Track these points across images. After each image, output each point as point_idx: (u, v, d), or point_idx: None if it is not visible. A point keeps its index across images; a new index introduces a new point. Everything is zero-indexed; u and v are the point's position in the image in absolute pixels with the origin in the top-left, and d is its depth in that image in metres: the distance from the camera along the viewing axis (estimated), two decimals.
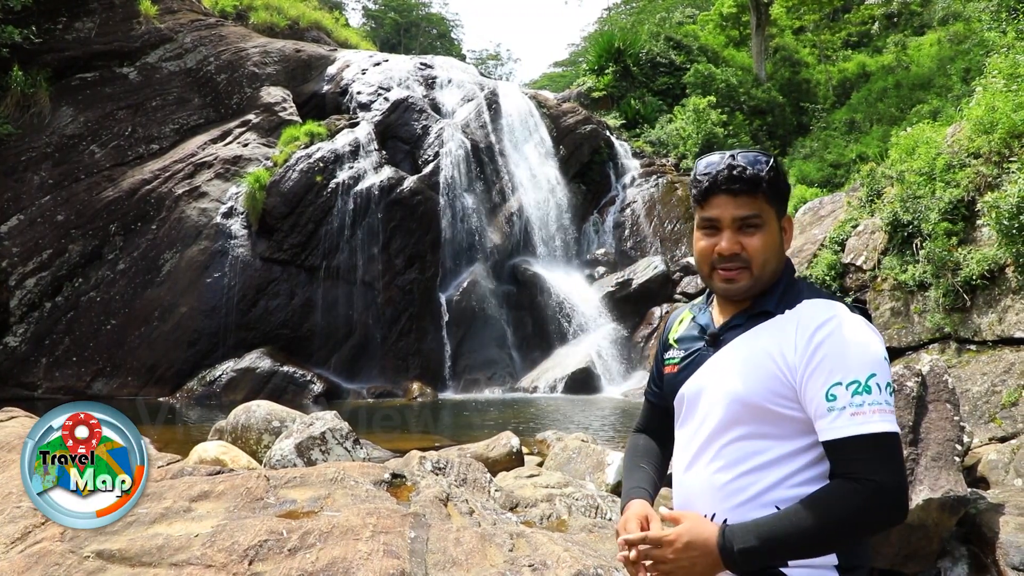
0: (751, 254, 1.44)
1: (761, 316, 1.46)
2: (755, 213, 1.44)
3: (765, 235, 1.45)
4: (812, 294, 1.45)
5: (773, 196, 1.46)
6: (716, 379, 1.47)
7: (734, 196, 1.44)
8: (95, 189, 13.60)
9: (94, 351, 12.58)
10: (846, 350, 1.33)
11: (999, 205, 6.81)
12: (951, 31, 22.95)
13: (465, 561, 2.17)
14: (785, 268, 1.51)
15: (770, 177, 1.45)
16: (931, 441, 4.43)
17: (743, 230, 1.44)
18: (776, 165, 1.47)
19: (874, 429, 1.28)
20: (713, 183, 1.46)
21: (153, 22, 16.15)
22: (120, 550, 1.97)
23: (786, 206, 1.52)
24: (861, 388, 1.30)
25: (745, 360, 1.43)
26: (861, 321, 1.39)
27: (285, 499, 2.53)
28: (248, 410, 5.80)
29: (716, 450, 1.44)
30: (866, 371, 1.31)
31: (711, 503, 1.43)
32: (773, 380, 1.38)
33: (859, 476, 1.27)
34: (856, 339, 1.35)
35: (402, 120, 16.66)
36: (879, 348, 1.36)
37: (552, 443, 6.40)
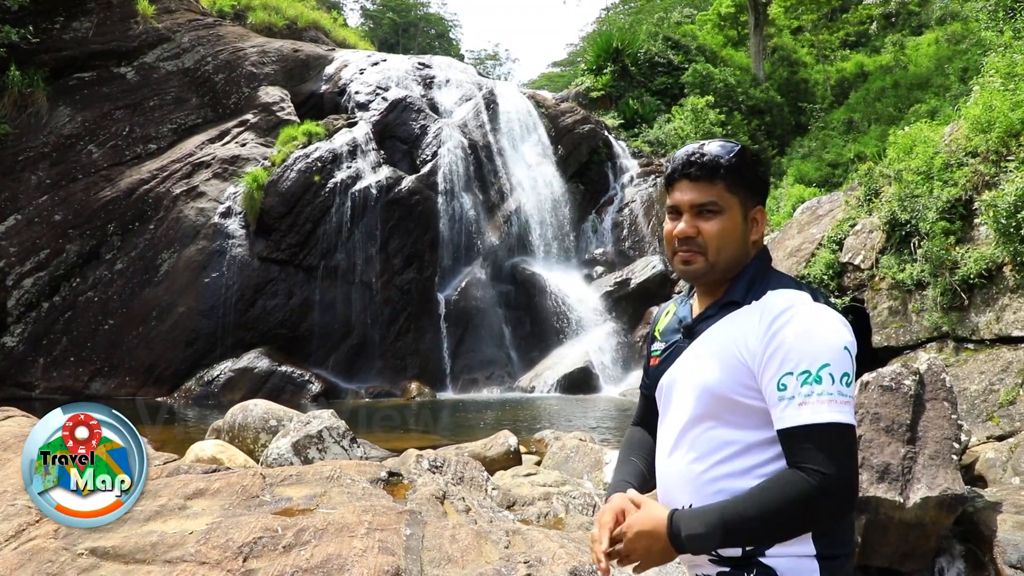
0: (706, 239, 1.46)
1: (730, 306, 1.47)
2: (712, 199, 1.45)
3: (723, 221, 1.45)
4: (780, 284, 1.45)
5: (735, 184, 1.46)
6: (689, 370, 1.49)
7: (693, 182, 1.47)
8: (93, 189, 13.58)
9: (92, 351, 12.56)
10: (800, 339, 1.33)
11: (996, 204, 6.82)
12: (949, 31, 22.97)
13: (460, 558, 2.17)
14: (756, 258, 1.51)
15: (730, 163, 1.45)
16: (929, 439, 4.44)
17: (701, 215, 1.46)
18: (742, 153, 1.48)
19: (821, 419, 1.27)
20: (675, 169, 1.50)
21: (151, 22, 16.13)
22: (114, 547, 1.96)
23: (758, 197, 1.52)
24: (811, 378, 1.30)
25: (713, 352, 1.45)
26: (823, 311, 1.38)
27: (281, 497, 2.52)
28: (245, 409, 5.79)
29: (690, 441, 1.46)
30: (819, 361, 1.30)
31: (686, 493, 1.45)
32: (738, 371, 1.39)
33: (805, 466, 1.27)
34: (812, 328, 1.34)
35: (400, 120, 16.65)
36: (838, 338, 1.34)
37: (550, 442, 6.40)
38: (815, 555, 1.34)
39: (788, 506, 1.26)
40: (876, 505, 4.19)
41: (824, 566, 1.34)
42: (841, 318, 1.39)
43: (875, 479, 4.27)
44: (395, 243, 14.68)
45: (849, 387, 1.32)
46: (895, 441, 4.42)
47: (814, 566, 1.34)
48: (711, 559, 1.40)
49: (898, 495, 4.19)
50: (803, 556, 1.35)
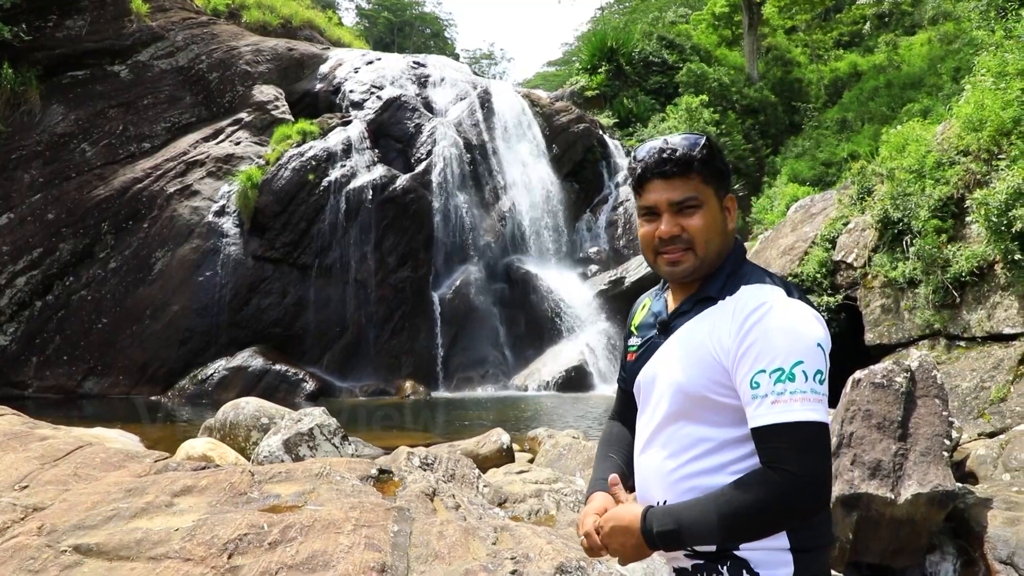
0: (692, 234, 1.43)
1: (706, 302, 1.45)
2: (691, 195, 1.43)
3: (705, 215, 1.44)
4: (755, 279, 1.43)
5: (709, 176, 1.44)
6: (664, 367, 1.47)
7: (667, 179, 1.44)
8: (86, 188, 13.54)
9: (85, 350, 12.52)
10: (773, 337, 1.31)
11: (988, 202, 6.84)
12: (941, 31, 23.05)
13: (447, 554, 2.16)
14: (733, 251, 1.49)
15: (703, 156, 1.43)
16: (920, 436, 4.45)
17: (682, 212, 1.44)
18: (709, 144, 1.46)
19: (794, 418, 1.26)
20: (646, 168, 1.46)
21: (144, 20, 16.08)
22: (98, 544, 1.95)
23: (727, 185, 1.50)
24: (784, 376, 1.28)
25: (688, 349, 1.43)
26: (798, 307, 1.36)
27: (269, 494, 2.52)
28: (237, 407, 5.78)
29: (665, 437, 1.45)
30: (792, 358, 1.29)
31: (661, 489, 1.45)
32: (712, 369, 1.38)
33: (777, 466, 1.26)
34: (786, 325, 1.32)
35: (395, 119, 16.63)
36: (812, 334, 1.32)
37: (543, 440, 6.40)
38: (789, 548, 1.34)
39: (759, 506, 1.26)
40: (868, 501, 4.20)
41: (798, 559, 1.34)
42: (815, 314, 1.37)
43: (867, 475, 4.28)
44: (389, 242, 14.66)
45: (822, 384, 1.30)
46: (886, 438, 4.43)
47: (788, 559, 1.34)
48: (686, 553, 1.40)
49: (889, 491, 4.20)
50: (777, 549, 1.34)
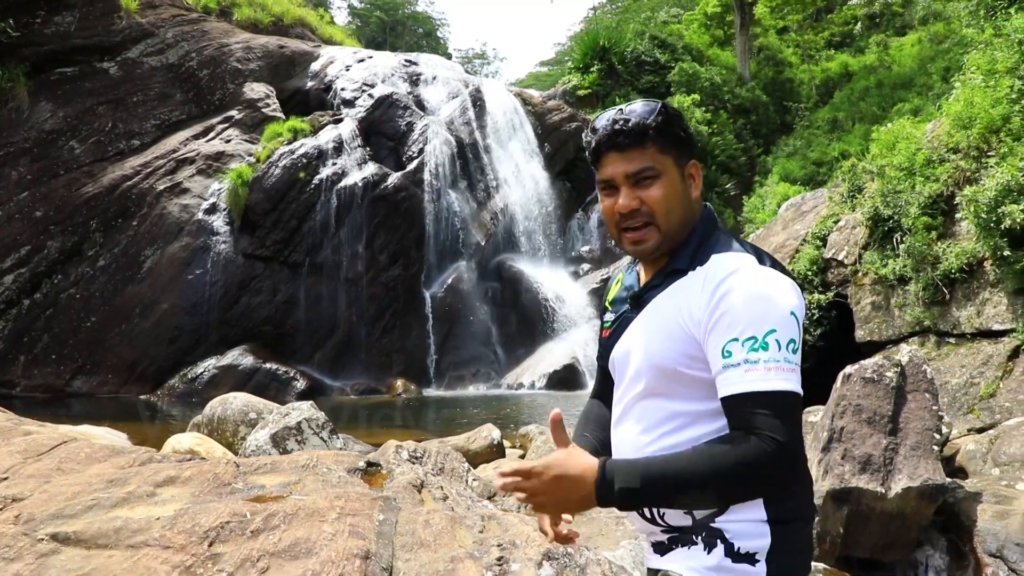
0: (652, 207, 1.37)
1: (676, 274, 1.40)
2: (647, 165, 1.37)
3: (664, 185, 1.38)
4: (725, 247, 1.38)
5: (666, 144, 1.38)
6: (637, 342, 1.42)
7: (622, 151, 1.38)
8: (74, 185, 13.44)
9: (73, 348, 12.43)
10: (745, 305, 1.26)
11: (977, 199, 6.86)
12: (931, 31, 23.17)
13: (433, 542, 2.14)
14: (701, 219, 1.44)
15: (657, 123, 1.37)
16: (910, 431, 4.45)
17: (639, 184, 1.37)
18: (665, 110, 1.39)
19: (768, 387, 1.21)
20: (600, 142, 1.40)
21: (134, 17, 15.97)
22: (76, 532, 1.92)
23: (688, 151, 1.43)
24: (758, 344, 1.23)
25: (659, 323, 1.38)
26: (770, 274, 1.31)
27: (254, 484, 2.48)
28: (225, 402, 5.73)
29: (639, 412, 1.41)
30: (765, 326, 1.24)
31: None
32: (683, 342, 1.33)
33: (757, 431, 1.21)
34: (758, 292, 1.27)
35: (386, 116, 16.59)
36: (786, 302, 1.27)
37: (534, 437, 6.39)
38: (766, 519, 1.30)
39: (738, 467, 1.20)
40: (858, 496, 4.20)
41: (776, 530, 1.30)
42: (789, 282, 1.32)
43: (857, 470, 4.28)
44: (381, 240, 14.61)
45: (795, 354, 1.25)
46: (877, 432, 4.43)
47: (765, 530, 1.30)
48: (663, 529, 1.36)
49: (880, 486, 4.20)
50: (754, 520, 1.30)
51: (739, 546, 1.30)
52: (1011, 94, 7.46)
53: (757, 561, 1.29)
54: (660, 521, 1.36)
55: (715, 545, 1.31)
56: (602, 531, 2.62)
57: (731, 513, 1.31)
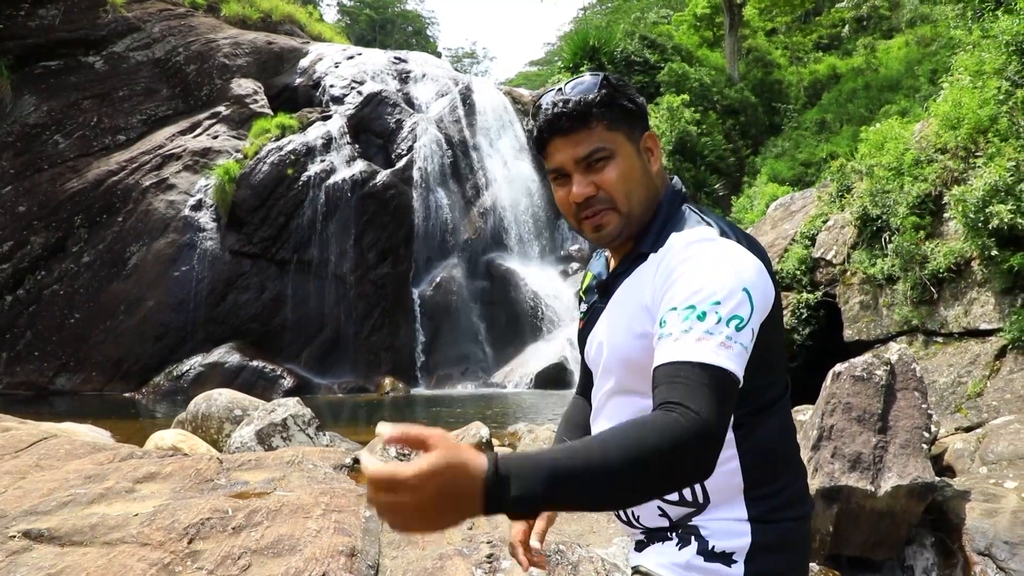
0: (609, 190, 1.25)
1: (640, 259, 1.28)
2: (597, 147, 1.24)
3: (618, 164, 1.25)
4: (686, 224, 1.25)
5: (614, 119, 1.26)
6: (604, 335, 1.32)
7: (567, 135, 1.25)
8: (59, 180, 13.27)
9: (57, 345, 12.28)
10: (690, 275, 1.13)
11: (965, 199, 6.88)
12: (918, 34, 23.35)
13: (421, 539, 2.10)
14: (666, 196, 1.32)
15: (601, 98, 1.25)
16: (899, 429, 4.45)
17: (592, 168, 1.25)
18: (608, 83, 1.27)
19: (697, 358, 1.04)
20: (542, 129, 1.27)
21: (120, 11, 15.81)
22: (49, 529, 1.86)
23: (640, 123, 1.31)
24: (695, 314, 1.08)
25: (621, 313, 1.28)
26: (726, 247, 1.18)
27: (237, 481, 2.43)
28: (209, 398, 5.66)
29: (611, 408, 1.33)
30: (708, 299, 1.09)
31: None
32: (644, 332, 1.20)
33: (675, 404, 1.01)
34: (707, 263, 1.14)
35: (375, 114, 16.50)
36: (738, 276, 1.12)
37: (523, 435, 6.34)
38: (747, 518, 1.20)
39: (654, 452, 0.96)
40: (848, 494, 4.19)
41: (758, 529, 1.19)
42: (751, 259, 1.18)
43: (847, 468, 4.26)
44: (369, 237, 14.53)
45: (740, 332, 1.08)
46: (867, 430, 4.42)
47: (744, 528, 1.20)
48: (640, 530, 1.28)
49: (869, 484, 4.19)
50: (732, 519, 1.20)
51: (714, 544, 1.20)
52: (999, 95, 7.50)
53: (734, 561, 1.19)
54: (636, 523, 1.28)
55: (688, 542, 1.21)
56: (593, 528, 2.58)
57: (709, 512, 1.22)
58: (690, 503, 1.22)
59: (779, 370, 1.28)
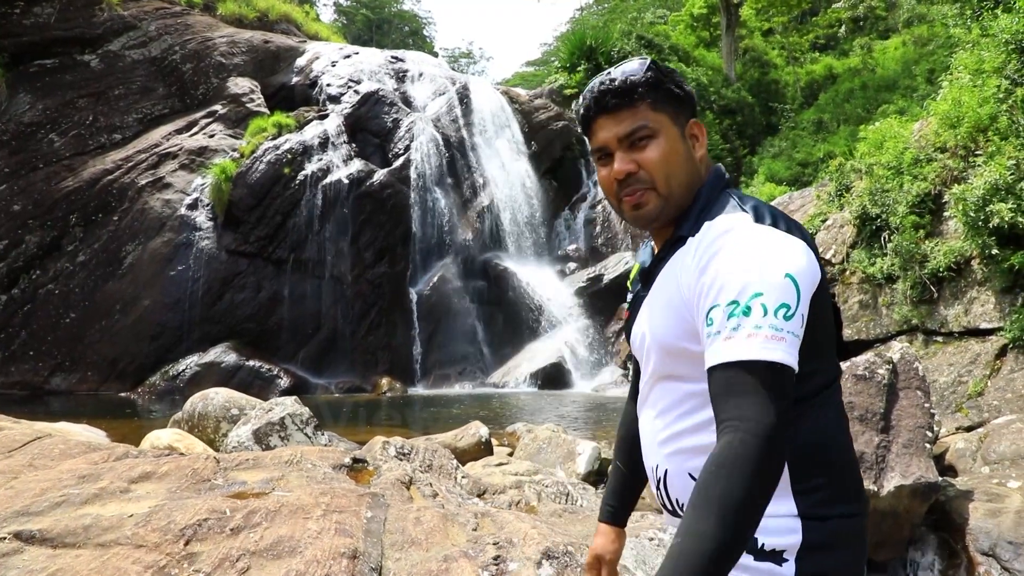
0: (649, 169, 1.25)
1: (679, 243, 1.27)
2: (640, 124, 1.25)
3: (661, 144, 1.26)
4: (725, 209, 1.24)
5: (660, 100, 1.27)
6: (647, 322, 1.32)
7: (612, 113, 1.27)
8: (54, 179, 13.19)
9: (52, 345, 12.20)
10: (729, 267, 1.12)
11: (965, 197, 6.86)
12: (915, 34, 23.38)
13: (425, 540, 2.05)
14: (708, 181, 1.31)
15: (648, 80, 1.26)
16: (902, 428, 4.41)
17: (635, 147, 1.26)
18: (655, 66, 1.29)
19: (746, 356, 1.04)
20: (588, 107, 1.30)
21: (116, 9, 15.73)
22: (41, 531, 1.80)
23: (687, 110, 1.32)
24: (739, 310, 1.07)
25: (661, 299, 1.28)
26: (766, 233, 1.16)
27: (234, 481, 2.38)
28: (206, 398, 5.60)
29: (655, 396, 1.32)
30: (749, 290, 1.08)
31: (652, 453, 1.31)
32: (681, 317, 1.21)
33: (728, 421, 1.03)
34: (745, 253, 1.12)
35: (372, 113, 16.44)
36: (778, 264, 1.11)
37: (522, 434, 6.30)
38: (796, 514, 1.17)
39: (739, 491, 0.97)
40: None
41: (809, 526, 1.16)
42: (793, 242, 1.16)
43: None
44: (366, 237, 14.47)
45: (790, 321, 1.07)
46: (869, 430, 4.39)
47: (795, 525, 1.16)
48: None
49: (872, 484, 4.16)
50: (782, 515, 1.17)
51: (764, 543, 1.16)
52: (998, 93, 7.48)
53: (785, 560, 1.16)
54: (680, 512, 1.26)
55: None
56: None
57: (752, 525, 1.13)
58: None
59: (827, 355, 1.26)
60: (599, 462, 5.25)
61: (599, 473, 5.21)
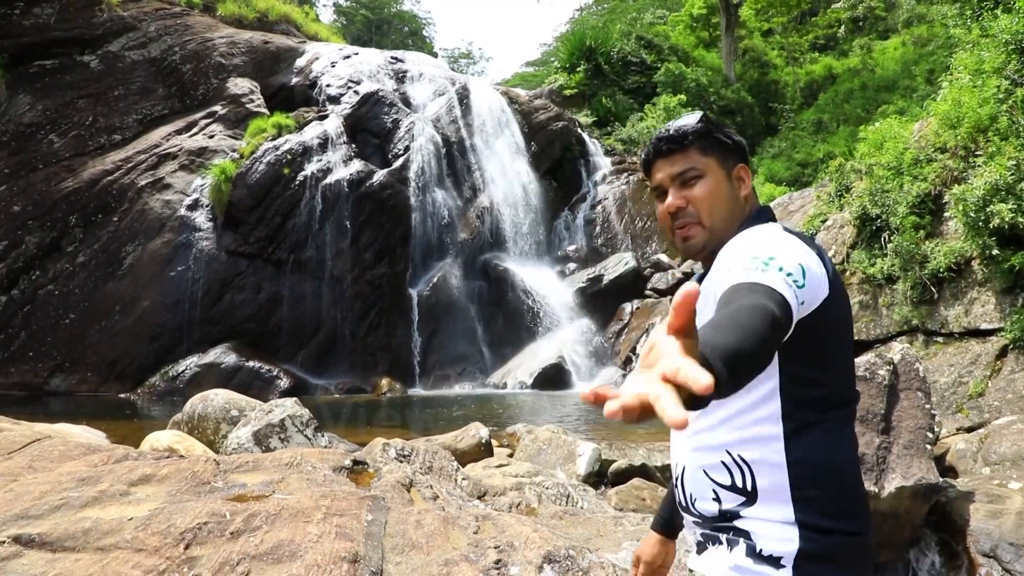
0: (696, 205, 1.43)
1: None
2: (690, 166, 1.44)
3: (706, 183, 1.43)
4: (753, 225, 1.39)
5: (708, 146, 1.45)
6: None
7: (667, 157, 1.47)
8: (54, 179, 13.18)
9: (52, 346, 12.18)
10: (751, 246, 1.24)
11: (965, 198, 6.86)
12: (915, 34, 23.37)
13: (426, 544, 2.04)
14: (752, 216, 1.44)
15: (698, 129, 1.45)
16: (903, 429, 4.41)
17: (685, 185, 1.44)
18: (706, 118, 1.47)
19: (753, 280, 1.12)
20: (648, 153, 1.50)
21: (115, 9, 15.71)
22: (41, 534, 1.80)
23: (733, 155, 1.48)
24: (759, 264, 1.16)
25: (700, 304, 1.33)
26: (785, 235, 1.29)
27: (234, 483, 2.37)
28: (205, 399, 5.59)
29: None
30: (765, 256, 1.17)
31: (681, 453, 1.39)
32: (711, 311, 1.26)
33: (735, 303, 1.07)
34: (765, 240, 1.25)
35: (372, 113, 16.43)
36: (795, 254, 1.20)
37: (522, 435, 6.30)
38: (793, 521, 1.22)
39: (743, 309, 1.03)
40: None
41: (806, 536, 1.21)
42: (810, 249, 1.25)
43: None
44: (366, 237, 14.46)
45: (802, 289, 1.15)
46: (870, 431, 4.38)
47: (792, 534, 1.22)
48: (695, 520, 1.34)
49: (873, 485, 4.15)
50: (780, 521, 1.23)
51: (762, 547, 1.23)
52: (998, 94, 7.48)
53: (782, 566, 1.21)
54: (693, 509, 1.34)
55: (738, 544, 1.26)
56: (600, 532, 2.53)
57: (757, 508, 1.24)
58: (740, 490, 1.27)
59: (837, 374, 1.32)
60: (599, 463, 5.24)
61: (599, 474, 5.20)
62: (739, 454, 1.26)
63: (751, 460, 1.25)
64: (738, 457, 1.26)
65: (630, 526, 2.65)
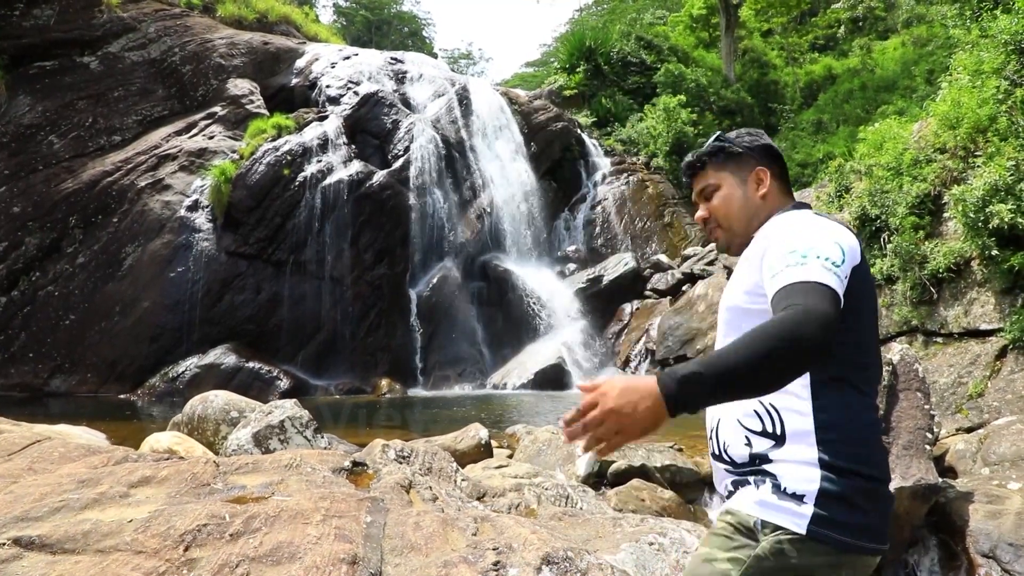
0: (713, 213, 1.77)
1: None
2: (709, 183, 1.77)
3: (722, 194, 1.75)
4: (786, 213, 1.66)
5: (720, 162, 1.75)
6: (724, 297, 1.68)
7: (694, 177, 1.82)
8: (53, 180, 13.18)
9: (52, 347, 12.18)
10: (789, 235, 1.48)
11: (965, 198, 6.86)
12: (914, 34, 23.38)
13: (424, 545, 2.04)
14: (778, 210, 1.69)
15: (710, 151, 1.77)
16: (902, 430, 4.41)
17: (707, 199, 1.78)
18: (719, 138, 1.78)
19: (804, 277, 1.34)
20: (685, 174, 1.86)
21: (115, 11, 15.72)
22: (40, 536, 1.80)
23: (746, 162, 1.74)
24: (798, 256, 1.39)
25: (735, 276, 1.65)
26: (819, 219, 1.54)
27: (234, 485, 2.37)
28: (205, 400, 5.60)
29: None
30: (804, 248, 1.41)
31: (717, 408, 1.56)
32: (747, 282, 1.55)
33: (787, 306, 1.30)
34: (800, 229, 1.49)
35: (372, 114, 16.43)
36: (829, 235, 1.45)
37: (522, 436, 6.30)
38: (816, 461, 1.37)
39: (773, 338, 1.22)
40: None
41: (827, 476, 1.35)
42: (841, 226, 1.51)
43: None
44: (366, 238, 14.47)
45: (839, 267, 1.37)
46: None
47: (814, 475, 1.36)
48: (727, 468, 1.50)
49: None
50: (804, 462, 1.38)
51: (786, 486, 1.38)
52: (998, 94, 7.48)
53: (804, 503, 1.35)
54: (725, 455, 1.51)
55: (764, 483, 1.41)
56: (599, 533, 2.53)
57: (784, 450, 1.41)
58: (770, 435, 1.44)
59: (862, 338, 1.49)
60: (599, 464, 5.24)
61: (599, 475, 5.20)
62: (770, 403, 1.45)
63: (781, 408, 1.43)
64: (769, 405, 1.45)
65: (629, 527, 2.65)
